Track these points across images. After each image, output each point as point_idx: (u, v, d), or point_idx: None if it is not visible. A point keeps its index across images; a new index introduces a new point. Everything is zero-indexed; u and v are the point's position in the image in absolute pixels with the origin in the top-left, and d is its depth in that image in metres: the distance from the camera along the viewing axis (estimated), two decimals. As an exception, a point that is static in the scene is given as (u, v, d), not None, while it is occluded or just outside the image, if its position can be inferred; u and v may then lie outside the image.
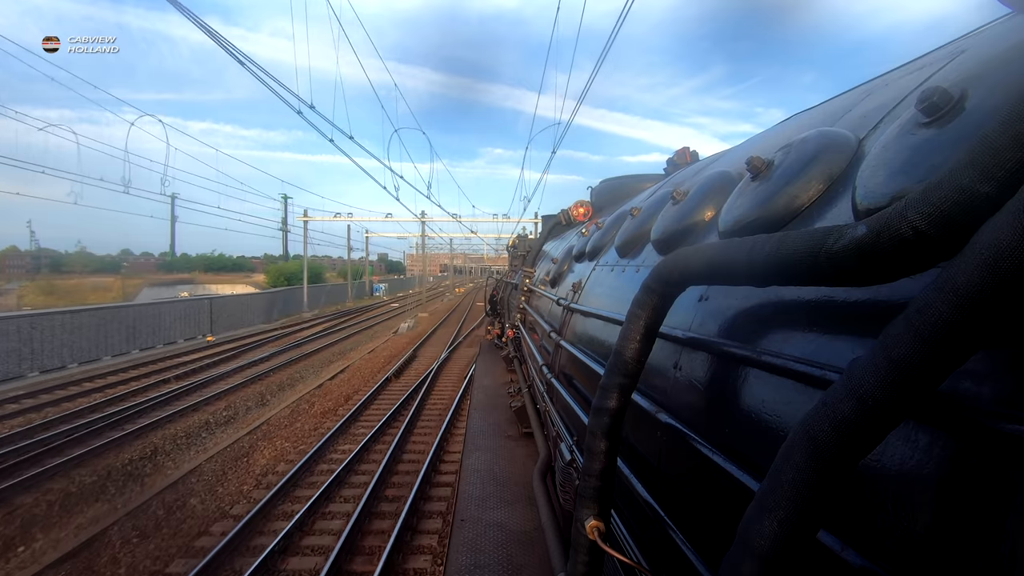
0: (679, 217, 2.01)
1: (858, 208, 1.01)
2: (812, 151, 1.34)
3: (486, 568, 3.38)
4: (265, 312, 31.64)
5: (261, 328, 27.37)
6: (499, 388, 8.37)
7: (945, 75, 1.18)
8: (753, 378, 1.14)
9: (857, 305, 0.92)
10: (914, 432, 0.71)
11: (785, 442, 0.68)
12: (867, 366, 0.59)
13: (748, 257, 0.89)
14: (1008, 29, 1.14)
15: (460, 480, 4.95)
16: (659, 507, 1.46)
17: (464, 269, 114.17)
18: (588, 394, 2.60)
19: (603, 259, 3.25)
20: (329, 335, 24.23)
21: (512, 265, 12.67)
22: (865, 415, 0.58)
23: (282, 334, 24.28)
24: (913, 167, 0.92)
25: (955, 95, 0.92)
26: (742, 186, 1.59)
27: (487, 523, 3.98)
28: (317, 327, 27.67)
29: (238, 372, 15.60)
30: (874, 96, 1.50)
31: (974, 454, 0.63)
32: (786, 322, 1.12)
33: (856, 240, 0.67)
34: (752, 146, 2.37)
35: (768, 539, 0.65)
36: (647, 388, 1.69)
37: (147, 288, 56.98)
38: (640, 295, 1.27)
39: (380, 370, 16.00)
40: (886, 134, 1.09)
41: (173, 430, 10.20)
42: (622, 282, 2.56)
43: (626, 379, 1.27)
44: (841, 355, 0.91)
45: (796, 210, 1.27)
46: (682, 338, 1.51)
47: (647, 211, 2.71)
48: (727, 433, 1.20)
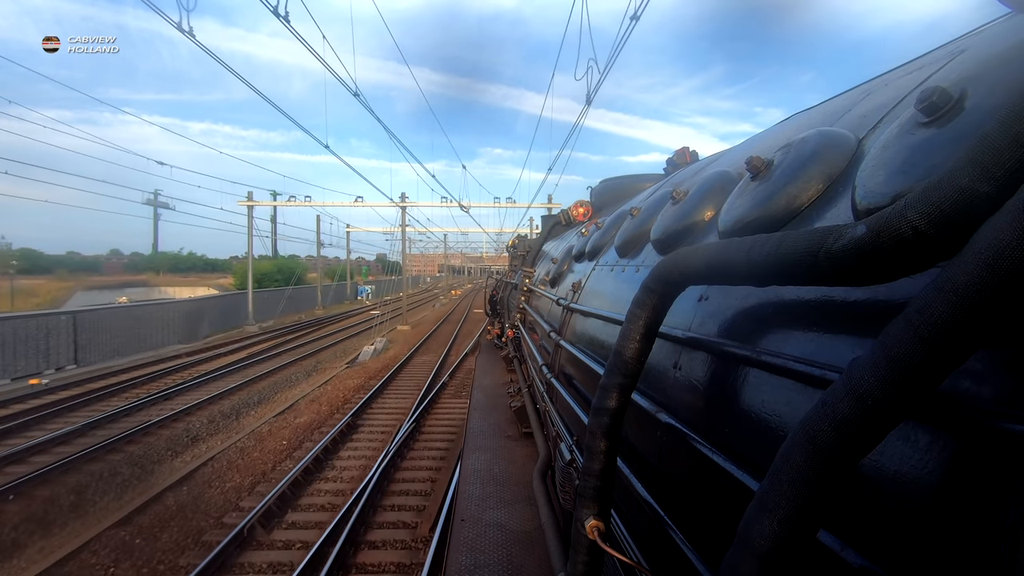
0: (679, 217, 2.01)
1: (858, 208, 1.01)
2: (812, 151, 1.34)
3: (486, 568, 3.38)
4: (190, 326, 23.84)
5: (167, 353, 19.76)
6: (499, 388, 8.37)
7: (945, 75, 1.18)
8: (753, 378, 1.14)
9: (857, 305, 0.92)
10: (914, 432, 0.71)
11: (785, 442, 0.68)
12: (867, 366, 0.59)
13: (748, 257, 0.89)
14: (1008, 29, 1.14)
15: (460, 480, 4.94)
16: (659, 507, 1.46)
17: (463, 269, 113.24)
18: (588, 394, 2.60)
19: (603, 259, 3.25)
20: (249, 367, 16.94)
21: (512, 265, 12.67)
22: (865, 415, 0.58)
23: (177, 367, 16.86)
24: (913, 167, 0.92)
25: (955, 95, 0.92)
26: (742, 186, 1.59)
27: (487, 523, 3.97)
28: (249, 349, 20.96)
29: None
30: (874, 96, 1.50)
31: (974, 454, 0.63)
32: (786, 322, 1.12)
33: (856, 240, 0.67)
34: (752, 146, 2.37)
35: (768, 539, 0.65)
36: (647, 388, 1.69)
37: (81, 292, 47.81)
38: (640, 295, 1.27)
39: (258, 479, 8.26)
40: (886, 134, 1.09)
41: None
42: (622, 282, 2.56)
43: (626, 379, 1.27)
44: (841, 355, 0.91)
45: (796, 210, 1.27)
46: (682, 338, 1.51)
47: (647, 211, 2.71)
48: (727, 433, 1.20)
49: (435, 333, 25.75)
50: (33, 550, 6.45)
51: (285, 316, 33.70)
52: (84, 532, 6.78)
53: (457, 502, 4.40)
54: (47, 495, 7.70)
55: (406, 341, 23.19)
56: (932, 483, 0.67)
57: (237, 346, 21.83)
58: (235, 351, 20.73)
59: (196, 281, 59.01)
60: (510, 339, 8.97)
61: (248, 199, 30.04)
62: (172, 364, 17.69)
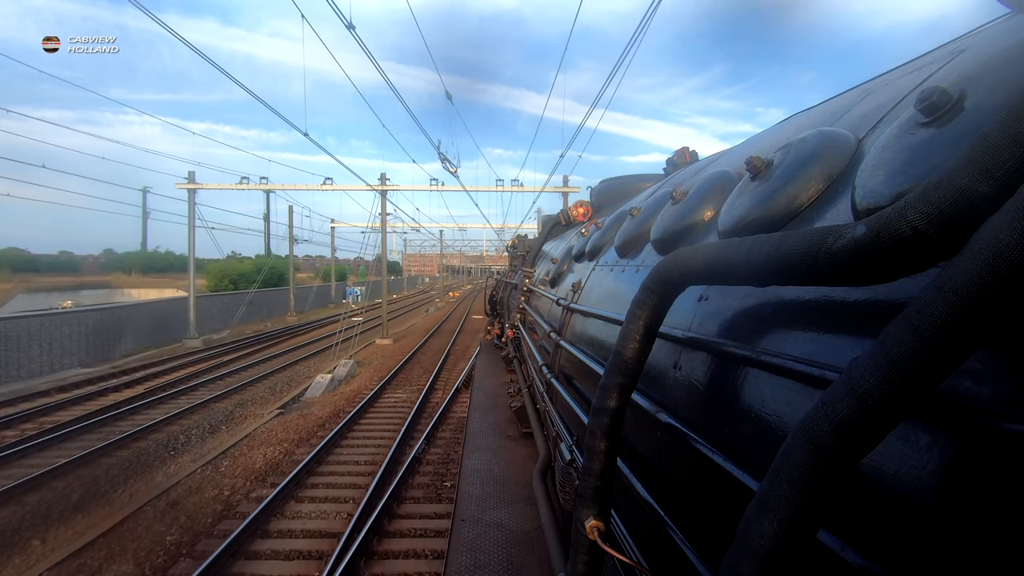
0: (678, 217, 2.01)
1: (857, 208, 1.01)
2: (811, 151, 1.34)
3: (486, 568, 3.38)
4: (104, 342, 18.43)
5: (36, 387, 14.10)
6: (499, 388, 8.36)
7: (944, 75, 1.18)
8: (753, 378, 1.14)
9: (857, 305, 0.92)
10: (914, 432, 0.71)
11: (785, 442, 0.68)
12: (867, 366, 0.59)
13: (747, 257, 0.89)
14: (1008, 29, 1.14)
15: (460, 480, 4.94)
16: (659, 507, 1.46)
17: (462, 269, 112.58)
18: (588, 394, 2.60)
19: (603, 259, 3.25)
20: (133, 413, 12.11)
21: (512, 265, 12.67)
22: (865, 415, 0.58)
23: (18, 415, 11.49)
24: (912, 167, 0.92)
25: (954, 95, 0.92)
26: (742, 186, 1.59)
27: (487, 523, 3.97)
28: (166, 376, 15.99)
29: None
30: (873, 96, 1.50)
31: (974, 454, 0.63)
32: (786, 322, 1.12)
33: (855, 240, 0.67)
34: (752, 146, 2.37)
35: (768, 539, 0.65)
36: (647, 388, 1.69)
37: (23, 295, 40.89)
38: (640, 295, 1.27)
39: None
40: (885, 134, 1.09)
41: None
42: (622, 282, 2.56)
43: (626, 379, 1.27)
44: (841, 355, 0.91)
45: (796, 210, 1.27)
46: (682, 338, 1.51)
47: (646, 211, 2.71)
48: (727, 433, 1.20)
49: (422, 349, 20.92)
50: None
51: (247, 324, 28.58)
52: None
53: (457, 502, 4.41)
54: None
55: (381, 364, 17.85)
56: (932, 483, 0.67)
57: (154, 371, 16.67)
58: (143, 380, 15.37)
59: (169, 282, 52.27)
60: (510, 339, 8.97)
61: (189, 181, 24.16)
62: (67, 396, 13.07)
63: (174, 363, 18.21)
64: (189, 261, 25.33)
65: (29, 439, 10.16)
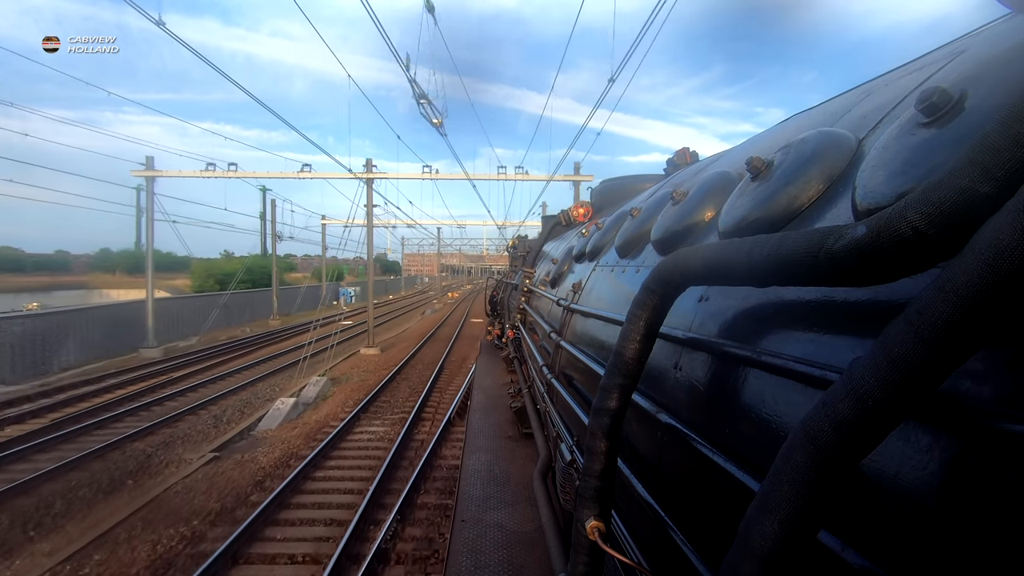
0: (679, 217, 2.01)
1: (858, 208, 1.01)
2: (812, 151, 1.34)
3: (486, 569, 3.38)
4: (39, 353, 15.66)
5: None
6: (499, 389, 8.37)
7: (945, 75, 1.18)
8: (753, 378, 1.14)
9: (857, 305, 0.92)
10: (914, 432, 0.71)
11: (785, 442, 0.68)
12: (867, 366, 0.59)
13: (748, 257, 0.89)
14: (1008, 29, 1.14)
15: (460, 481, 4.94)
16: (659, 507, 1.46)
17: (461, 269, 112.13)
18: (588, 395, 2.60)
19: (603, 259, 3.25)
20: (51, 447, 9.63)
21: (512, 265, 12.68)
22: (865, 415, 0.58)
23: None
24: (913, 167, 0.92)
25: (955, 95, 0.92)
26: (742, 186, 1.59)
27: (487, 524, 3.97)
28: (97, 399, 13.18)
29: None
30: (874, 96, 1.50)
31: (974, 454, 0.63)
32: (786, 322, 1.12)
33: (856, 240, 0.67)
34: (752, 146, 2.37)
35: (769, 539, 0.65)
36: (647, 388, 1.69)
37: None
38: (640, 295, 1.27)
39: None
40: (886, 134, 1.09)
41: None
42: (622, 282, 2.56)
43: (626, 379, 1.27)
44: (841, 355, 0.91)
45: (796, 210, 1.27)
46: (682, 338, 1.51)
47: (647, 211, 2.71)
48: (727, 433, 1.20)
49: (412, 361, 18.13)
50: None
51: (223, 330, 25.90)
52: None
53: (457, 503, 4.40)
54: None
55: (361, 381, 14.99)
56: (932, 483, 0.67)
57: (86, 390, 13.85)
58: (60, 405, 12.56)
59: (156, 282, 50.61)
60: (510, 340, 8.97)
61: (147, 168, 21.10)
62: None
63: (116, 380, 15.34)
64: (147, 257, 22.63)
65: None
